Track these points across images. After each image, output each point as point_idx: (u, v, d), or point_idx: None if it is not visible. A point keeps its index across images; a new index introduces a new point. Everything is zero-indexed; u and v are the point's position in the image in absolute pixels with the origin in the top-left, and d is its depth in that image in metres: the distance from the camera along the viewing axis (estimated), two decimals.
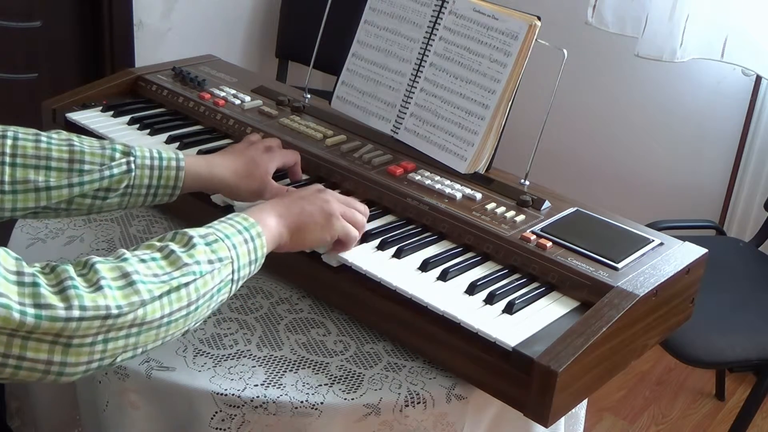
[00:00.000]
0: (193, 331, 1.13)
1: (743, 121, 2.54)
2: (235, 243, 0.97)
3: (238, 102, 1.54)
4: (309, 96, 1.58)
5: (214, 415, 1.03)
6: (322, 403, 1.03)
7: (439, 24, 1.38)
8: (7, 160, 1.06)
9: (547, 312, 1.08)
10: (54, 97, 1.56)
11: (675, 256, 1.17)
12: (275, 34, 2.85)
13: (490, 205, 1.25)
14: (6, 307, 0.78)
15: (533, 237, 1.17)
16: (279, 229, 1.05)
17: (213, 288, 0.93)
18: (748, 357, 1.79)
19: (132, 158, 1.13)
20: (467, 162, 1.33)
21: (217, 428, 1.03)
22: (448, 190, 1.27)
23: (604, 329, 0.99)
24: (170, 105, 1.57)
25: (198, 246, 0.93)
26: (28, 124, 1.13)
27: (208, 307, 0.95)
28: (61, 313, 0.81)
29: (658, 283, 1.09)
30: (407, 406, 1.05)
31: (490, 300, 1.08)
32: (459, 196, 1.26)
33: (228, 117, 1.49)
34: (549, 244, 1.15)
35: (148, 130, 1.48)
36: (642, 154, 2.78)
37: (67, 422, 1.20)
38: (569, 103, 2.65)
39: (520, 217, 1.22)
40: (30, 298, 0.80)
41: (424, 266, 1.14)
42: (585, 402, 1.30)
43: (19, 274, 0.82)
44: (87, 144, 1.12)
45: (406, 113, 1.41)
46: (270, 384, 1.05)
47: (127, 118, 1.52)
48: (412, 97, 1.41)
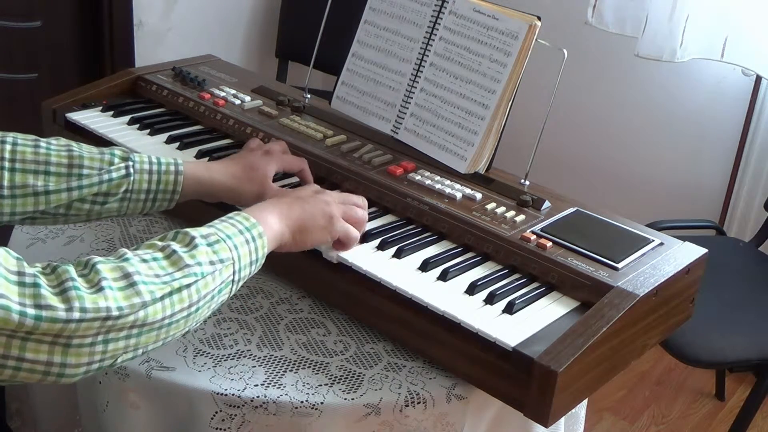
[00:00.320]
0: (193, 331, 1.13)
1: (743, 121, 2.54)
2: (236, 243, 0.96)
3: (238, 102, 1.54)
4: (309, 96, 1.58)
5: (214, 415, 1.03)
6: (322, 403, 1.03)
7: (439, 24, 1.38)
8: (6, 165, 1.07)
9: (547, 312, 1.08)
10: (54, 97, 1.56)
11: (675, 256, 1.17)
12: (275, 34, 2.85)
13: (490, 205, 1.25)
14: (6, 309, 0.78)
15: (533, 237, 1.17)
16: (281, 229, 1.05)
17: (214, 289, 0.93)
18: (748, 357, 1.79)
19: (131, 163, 1.13)
20: (467, 162, 1.33)
21: (217, 428, 1.03)
22: (448, 190, 1.27)
23: (604, 329, 0.99)
24: (170, 105, 1.57)
25: (200, 246, 0.93)
26: (28, 124, 1.14)
27: (209, 308, 0.95)
28: (62, 315, 0.81)
29: (658, 283, 1.09)
30: (407, 406, 1.05)
31: (490, 300, 1.08)
32: (459, 196, 1.26)
33: (228, 117, 1.49)
34: (549, 244, 1.15)
35: (148, 130, 1.48)
36: (642, 154, 2.78)
37: (67, 422, 1.20)
38: (569, 103, 2.65)
39: (520, 217, 1.22)
40: (31, 298, 0.80)
41: (424, 266, 1.14)
42: (585, 402, 1.30)
43: (20, 274, 0.82)
44: (86, 149, 1.12)
45: (406, 113, 1.41)
46: (270, 384, 1.05)
47: (127, 118, 1.52)
48: (412, 97, 1.41)
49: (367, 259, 1.15)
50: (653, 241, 1.20)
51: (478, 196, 1.27)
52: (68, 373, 0.84)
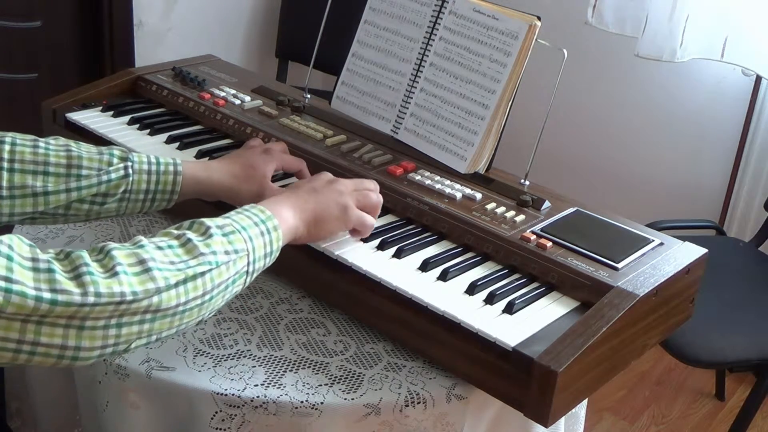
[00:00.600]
0: (193, 331, 1.13)
1: (743, 121, 2.54)
2: (251, 235, 0.97)
3: (238, 102, 1.54)
4: (309, 96, 1.58)
5: (214, 415, 1.03)
6: (322, 403, 1.03)
7: (439, 24, 1.38)
8: (5, 165, 1.07)
9: (547, 312, 1.08)
10: (54, 97, 1.56)
11: (675, 256, 1.17)
12: (275, 34, 2.85)
13: (490, 205, 1.25)
14: (21, 295, 0.79)
15: (533, 237, 1.17)
16: (295, 222, 1.06)
17: (228, 279, 0.94)
18: (748, 357, 1.79)
19: (130, 163, 1.13)
20: (467, 162, 1.33)
21: (217, 428, 1.03)
22: (448, 190, 1.27)
23: (604, 329, 0.99)
24: (170, 105, 1.57)
25: (215, 236, 0.94)
26: (28, 124, 1.14)
27: (223, 298, 0.95)
28: (77, 299, 0.82)
29: (658, 283, 1.09)
30: (407, 406, 1.05)
31: (490, 300, 1.08)
32: (459, 196, 1.26)
33: (228, 117, 1.49)
34: (549, 244, 1.15)
35: (148, 130, 1.48)
36: (642, 154, 2.78)
37: (67, 422, 1.20)
38: (569, 103, 2.65)
39: (520, 217, 1.22)
40: (46, 283, 0.81)
41: (424, 266, 1.14)
42: (585, 402, 1.30)
43: (34, 260, 0.83)
44: (85, 149, 1.13)
45: (406, 113, 1.41)
46: (270, 384, 1.05)
47: (127, 118, 1.52)
48: (412, 97, 1.41)
49: (367, 259, 1.15)
50: (653, 241, 1.20)
51: (478, 196, 1.27)
52: (82, 356, 0.85)
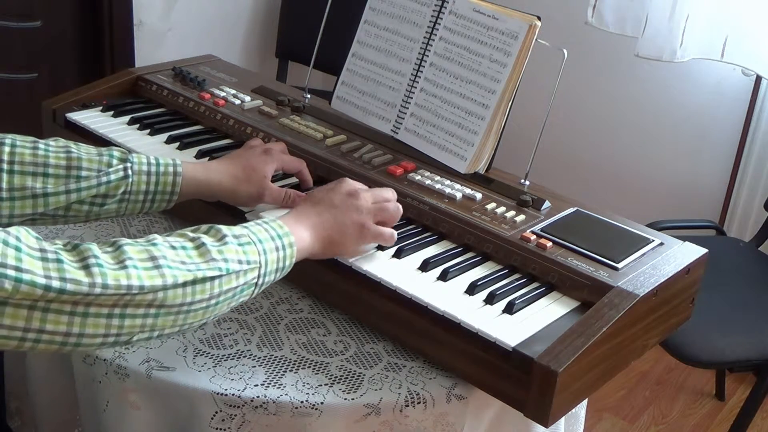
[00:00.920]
0: (193, 331, 1.13)
1: (743, 121, 2.54)
2: (266, 249, 0.98)
3: (238, 102, 1.54)
4: (309, 96, 1.58)
5: (214, 415, 1.03)
6: (322, 403, 1.03)
7: (439, 24, 1.38)
8: (5, 167, 1.07)
9: (547, 312, 1.08)
10: (54, 97, 1.56)
11: (675, 256, 1.17)
12: (275, 34, 2.85)
13: (490, 205, 1.25)
14: (31, 284, 0.80)
15: (533, 237, 1.17)
16: (311, 241, 1.06)
17: (236, 287, 0.95)
18: (748, 357, 1.79)
19: (129, 164, 1.13)
20: (467, 162, 1.33)
21: (217, 428, 1.03)
22: (448, 190, 1.27)
23: (604, 329, 0.99)
24: (170, 105, 1.57)
25: (230, 244, 0.95)
26: (28, 124, 1.14)
27: (228, 305, 0.96)
28: (84, 288, 0.83)
29: (658, 283, 1.09)
30: (407, 406, 1.05)
31: (491, 300, 1.08)
32: (459, 196, 1.26)
33: (228, 117, 1.49)
34: (549, 244, 1.15)
35: (148, 130, 1.48)
36: (642, 154, 2.78)
37: (67, 422, 1.20)
38: (569, 103, 2.65)
39: (520, 217, 1.22)
40: (56, 272, 0.82)
41: (425, 266, 1.14)
42: (585, 402, 1.30)
43: (42, 250, 0.84)
44: (84, 151, 1.13)
45: (406, 113, 1.41)
46: (270, 384, 1.05)
47: (127, 118, 1.52)
48: (412, 97, 1.41)
49: (367, 259, 1.15)
50: (653, 241, 1.20)
51: (478, 196, 1.27)
52: (84, 343, 0.86)
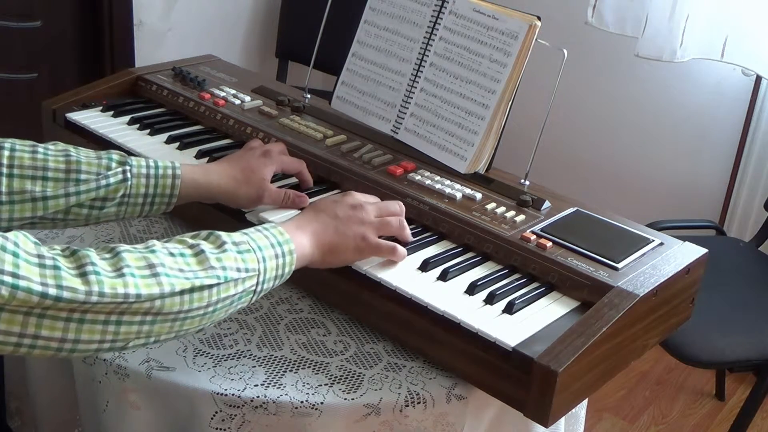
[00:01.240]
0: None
1: (743, 121, 2.54)
2: (265, 256, 0.98)
3: (238, 102, 1.54)
4: (309, 96, 1.58)
5: (214, 415, 1.03)
6: (322, 403, 1.03)
7: (439, 24, 1.38)
8: (5, 170, 1.07)
9: (547, 312, 1.08)
10: (54, 97, 1.56)
11: (675, 256, 1.17)
12: (275, 34, 2.85)
13: (490, 205, 1.25)
14: (27, 291, 0.80)
15: (533, 237, 1.17)
16: (311, 249, 1.06)
17: (234, 295, 0.95)
18: (748, 357, 1.79)
19: (128, 167, 1.13)
20: (467, 162, 1.33)
21: (217, 428, 1.03)
22: (448, 190, 1.27)
23: (604, 329, 0.99)
24: (170, 105, 1.57)
25: (229, 252, 0.95)
26: (28, 124, 1.14)
27: (226, 312, 0.96)
28: (81, 296, 0.83)
29: (658, 283, 1.09)
30: (407, 406, 1.05)
31: (490, 300, 1.08)
32: (459, 196, 1.26)
33: (228, 117, 1.49)
34: (549, 244, 1.15)
35: (148, 130, 1.48)
36: (642, 154, 2.78)
37: (67, 422, 1.20)
38: (569, 103, 2.65)
39: (520, 217, 1.22)
40: (52, 279, 0.82)
41: (424, 266, 1.14)
42: (585, 402, 1.30)
43: (40, 257, 0.83)
44: (83, 154, 1.13)
45: (406, 113, 1.41)
46: (270, 384, 1.05)
47: (127, 118, 1.52)
48: (412, 97, 1.41)
49: (367, 259, 1.14)
50: (653, 241, 1.20)
51: (478, 196, 1.27)
52: (80, 349, 0.86)
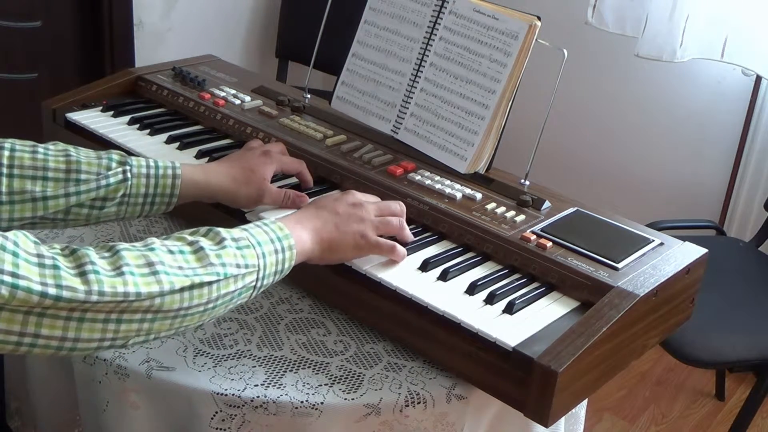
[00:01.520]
0: (193, 331, 1.13)
1: (743, 121, 2.54)
2: (265, 252, 0.98)
3: (238, 102, 1.54)
4: (309, 96, 1.58)
5: (214, 415, 1.03)
6: (322, 403, 1.03)
7: (439, 24, 1.38)
8: (5, 170, 1.07)
9: (547, 312, 1.08)
10: (54, 97, 1.56)
11: (675, 256, 1.17)
12: (275, 34, 2.85)
13: (490, 205, 1.25)
14: (27, 290, 0.80)
15: (533, 237, 1.17)
16: (311, 245, 1.06)
17: (234, 291, 0.95)
18: (748, 357, 1.79)
19: (128, 167, 1.13)
20: (467, 162, 1.33)
21: (218, 428, 1.03)
22: (448, 190, 1.27)
23: (604, 329, 0.99)
24: (170, 105, 1.57)
25: (228, 248, 0.95)
26: (28, 124, 1.14)
27: (226, 308, 0.96)
28: (80, 296, 0.83)
29: (658, 283, 1.09)
30: (407, 406, 1.05)
31: (491, 300, 1.08)
32: (459, 196, 1.26)
33: (228, 117, 1.49)
34: (549, 244, 1.15)
35: (148, 130, 1.48)
36: (642, 154, 2.78)
37: (67, 422, 1.20)
38: (569, 103, 2.65)
39: (520, 217, 1.22)
40: (52, 278, 0.82)
41: (425, 266, 1.14)
42: (585, 402, 1.30)
43: (39, 256, 0.84)
44: (84, 154, 1.13)
45: (406, 113, 1.41)
46: (270, 384, 1.05)
47: (127, 118, 1.52)
48: (412, 97, 1.41)
49: (367, 259, 1.15)
50: (653, 241, 1.20)
51: (478, 196, 1.27)
52: (80, 347, 0.86)
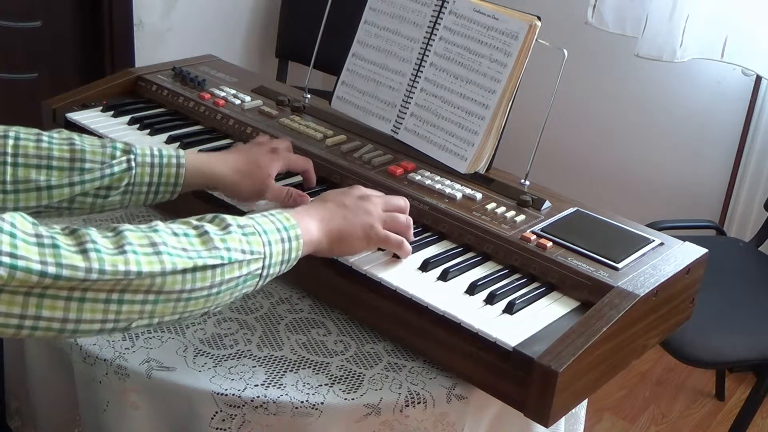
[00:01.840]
0: (193, 331, 1.13)
1: (743, 121, 2.54)
2: (271, 240, 0.97)
3: (238, 102, 1.54)
4: (309, 96, 1.58)
5: (215, 415, 1.03)
6: (322, 403, 1.03)
7: (440, 24, 1.38)
8: (9, 160, 1.07)
9: (548, 312, 1.08)
10: (54, 97, 1.56)
11: (675, 256, 1.17)
12: (275, 34, 2.85)
13: (491, 205, 1.25)
14: (26, 270, 0.79)
15: (533, 237, 1.17)
16: (319, 235, 1.06)
17: (239, 277, 0.94)
18: (748, 357, 1.79)
19: (132, 156, 1.14)
20: (467, 162, 1.33)
21: (218, 428, 1.03)
22: (448, 190, 1.27)
23: (605, 329, 0.99)
24: (170, 105, 1.58)
25: (233, 234, 0.94)
26: (29, 124, 1.13)
27: (231, 295, 0.95)
28: (80, 274, 0.82)
29: (659, 283, 1.09)
30: (407, 406, 1.05)
31: (491, 300, 1.08)
32: (459, 196, 1.26)
33: (228, 117, 1.49)
34: (549, 244, 1.15)
35: (148, 130, 1.48)
36: (642, 154, 2.78)
37: (67, 422, 1.20)
38: (569, 103, 2.65)
39: (520, 217, 1.22)
40: (51, 257, 0.81)
41: (425, 266, 1.14)
42: (585, 402, 1.30)
43: (38, 236, 0.83)
44: (88, 143, 1.13)
45: (406, 113, 1.41)
46: (270, 384, 1.05)
47: (127, 118, 1.52)
48: (412, 97, 1.41)
49: (367, 259, 1.15)
50: (653, 241, 1.20)
51: (478, 196, 1.27)
52: (83, 329, 0.85)
